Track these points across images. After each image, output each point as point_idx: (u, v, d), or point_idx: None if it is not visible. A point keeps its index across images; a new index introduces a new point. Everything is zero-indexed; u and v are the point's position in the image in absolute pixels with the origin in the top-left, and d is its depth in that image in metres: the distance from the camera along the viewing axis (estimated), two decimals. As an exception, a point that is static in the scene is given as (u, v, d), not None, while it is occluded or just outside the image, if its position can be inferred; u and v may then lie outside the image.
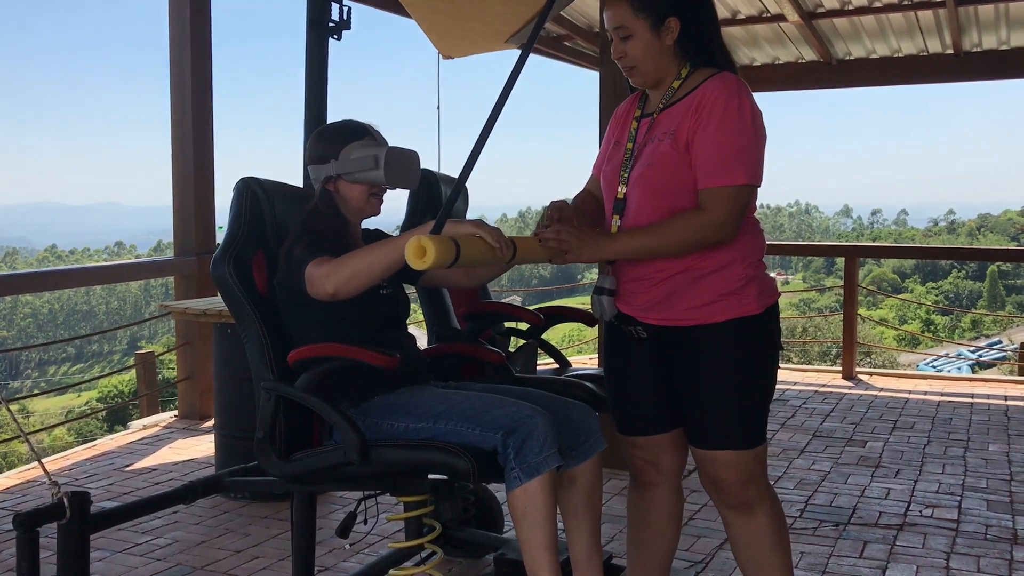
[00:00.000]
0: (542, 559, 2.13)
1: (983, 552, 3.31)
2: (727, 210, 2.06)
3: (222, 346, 3.92)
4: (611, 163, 2.27)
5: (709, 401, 2.17)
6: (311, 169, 2.43)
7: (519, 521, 2.13)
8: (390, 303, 2.47)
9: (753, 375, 2.19)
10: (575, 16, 6.69)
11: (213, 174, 5.52)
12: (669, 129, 2.13)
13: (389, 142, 2.43)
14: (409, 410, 2.25)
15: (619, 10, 2.14)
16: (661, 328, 2.20)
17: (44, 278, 5.10)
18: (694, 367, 2.19)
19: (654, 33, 2.13)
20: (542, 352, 3.25)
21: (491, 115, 2.09)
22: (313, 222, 2.36)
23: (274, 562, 3.21)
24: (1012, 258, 27.85)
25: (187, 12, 5.30)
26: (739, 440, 2.18)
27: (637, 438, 2.36)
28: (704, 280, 2.14)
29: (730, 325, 2.14)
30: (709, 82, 2.11)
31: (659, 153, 2.12)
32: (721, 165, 2.05)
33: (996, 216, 67.37)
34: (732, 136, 2.05)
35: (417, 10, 3.91)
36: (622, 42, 2.16)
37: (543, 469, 2.09)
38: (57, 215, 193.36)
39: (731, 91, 2.07)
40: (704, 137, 2.06)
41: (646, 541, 2.43)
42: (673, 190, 2.12)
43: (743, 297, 2.15)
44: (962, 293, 54.94)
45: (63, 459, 4.60)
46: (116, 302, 66.21)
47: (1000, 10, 6.08)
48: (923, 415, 5.51)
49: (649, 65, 2.16)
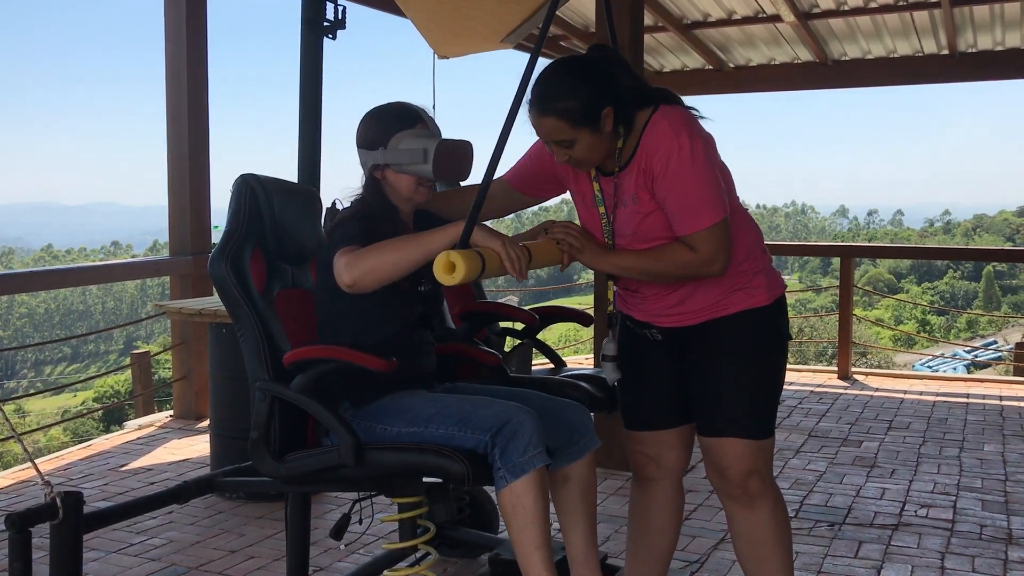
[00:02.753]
0: (534, 558, 2.12)
1: (978, 552, 3.31)
2: (713, 248, 2.12)
3: (217, 346, 3.92)
4: (586, 217, 2.31)
5: (719, 389, 2.25)
6: (360, 153, 2.36)
7: (509, 521, 2.13)
8: (427, 300, 2.42)
9: (762, 365, 2.27)
10: (570, 16, 6.69)
11: (209, 173, 5.51)
12: (631, 193, 2.18)
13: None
14: (400, 414, 2.25)
15: (555, 126, 2.11)
16: (674, 329, 2.30)
17: (40, 278, 5.08)
18: (706, 357, 2.27)
19: (595, 131, 2.12)
20: (537, 352, 3.25)
21: (506, 122, 2.07)
22: (359, 208, 2.31)
23: (268, 562, 3.21)
24: (1008, 258, 27.88)
25: (183, 11, 5.29)
26: (746, 429, 2.24)
27: (643, 433, 2.42)
28: (714, 281, 2.21)
29: (741, 316, 2.23)
30: (647, 134, 2.13)
31: (636, 218, 2.19)
32: (690, 214, 2.11)
33: (992, 216, 67.56)
34: (689, 184, 2.10)
35: (412, 10, 3.91)
36: (564, 149, 2.15)
37: (528, 468, 2.08)
38: (53, 215, 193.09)
39: (668, 137, 2.10)
40: (666, 193, 2.12)
41: (646, 538, 2.47)
42: (663, 239, 2.19)
43: (752, 290, 2.24)
44: (958, 293, 55.03)
45: (58, 459, 4.59)
46: (112, 302, 66.14)
47: (995, 11, 6.09)
48: (919, 415, 5.52)
49: (597, 156, 2.17)
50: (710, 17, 6.64)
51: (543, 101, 2.11)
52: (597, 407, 2.75)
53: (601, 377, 2.86)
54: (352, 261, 2.13)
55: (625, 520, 3.60)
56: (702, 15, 6.62)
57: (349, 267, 2.13)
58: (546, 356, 3.31)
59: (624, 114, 2.15)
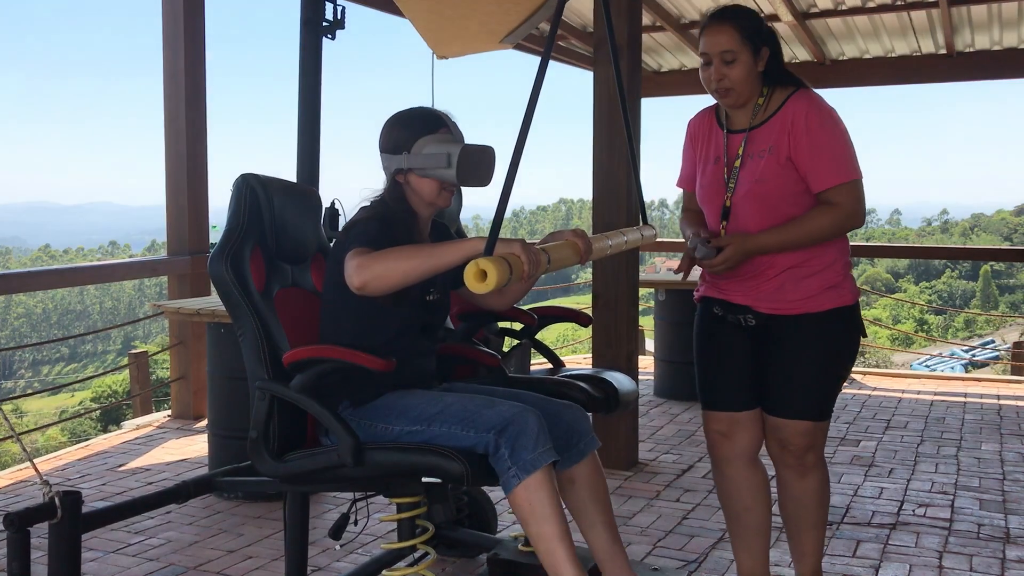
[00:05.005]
0: (558, 551, 2.09)
1: (976, 551, 3.32)
2: (855, 199, 2.39)
3: (216, 346, 3.92)
4: (709, 176, 2.53)
5: (799, 378, 2.48)
6: (383, 157, 2.36)
7: (527, 520, 2.10)
8: (434, 310, 2.42)
9: (841, 358, 2.51)
10: (569, 16, 6.69)
11: (207, 173, 5.51)
12: (766, 146, 2.42)
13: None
14: (402, 413, 2.25)
15: (728, 36, 2.39)
16: (770, 317, 2.49)
17: (38, 277, 5.08)
18: (793, 348, 2.48)
19: (753, 59, 2.41)
20: (536, 352, 3.25)
21: (522, 128, 2.04)
22: (379, 209, 2.31)
23: (267, 562, 3.20)
24: (1005, 258, 27.93)
25: (181, 10, 5.29)
26: (815, 413, 2.50)
27: (719, 413, 2.59)
28: (813, 276, 2.44)
29: (831, 314, 2.46)
30: (793, 101, 2.41)
31: (764, 168, 2.41)
32: (835, 167, 2.37)
33: (989, 216, 67.58)
34: (834, 142, 2.38)
35: (412, 10, 3.91)
36: (724, 65, 2.40)
37: (540, 464, 2.08)
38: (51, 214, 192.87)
39: (818, 104, 2.40)
40: (811, 147, 2.37)
41: (739, 519, 2.64)
42: (779, 198, 2.42)
43: (841, 289, 2.47)
44: (955, 293, 55.07)
45: (56, 459, 4.58)
46: (110, 302, 66.09)
47: (993, 10, 6.10)
48: (916, 414, 5.52)
49: (746, 87, 2.42)
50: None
51: (724, 12, 2.42)
52: (595, 408, 2.76)
53: (600, 377, 2.86)
54: (364, 264, 2.12)
55: (625, 519, 3.61)
56: (700, 14, 6.62)
57: (360, 269, 2.12)
58: (544, 356, 3.31)
59: (773, 72, 2.44)
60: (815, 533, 2.62)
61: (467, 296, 2.62)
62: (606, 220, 4.21)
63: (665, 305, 5.98)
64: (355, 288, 2.14)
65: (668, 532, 3.49)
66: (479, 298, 2.57)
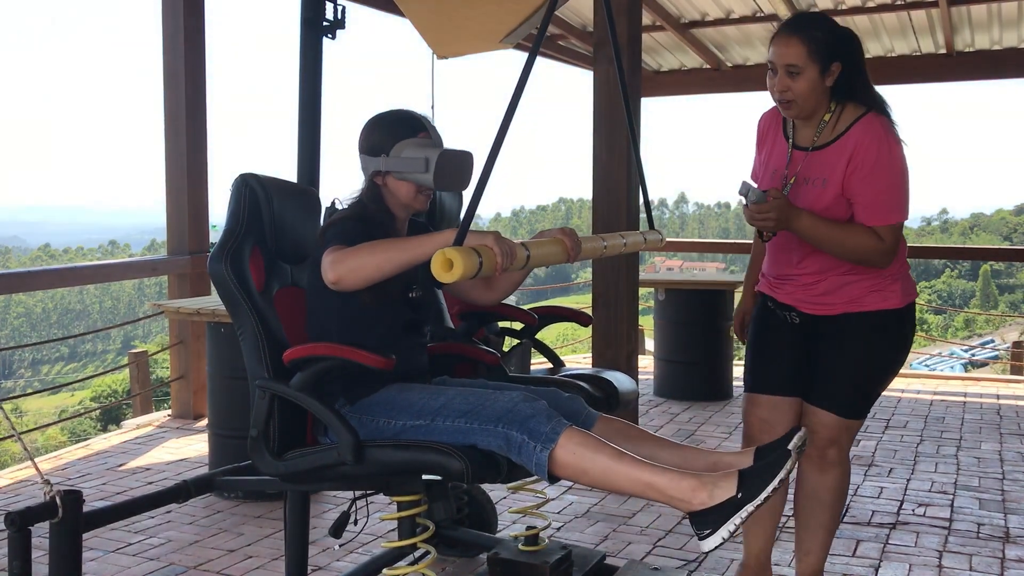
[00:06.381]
0: (632, 467, 2.00)
1: (975, 550, 3.32)
2: (894, 240, 2.42)
3: (215, 345, 3.92)
4: (766, 185, 2.53)
5: (835, 372, 2.53)
6: (361, 159, 2.38)
7: (582, 470, 2.02)
8: (417, 307, 2.42)
9: (878, 359, 2.53)
10: (568, 16, 6.69)
11: (207, 173, 5.50)
12: (822, 175, 2.43)
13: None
14: (405, 407, 2.24)
15: (794, 49, 2.36)
16: (813, 315, 2.55)
17: (37, 277, 5.08)
18: (833, 343, 2.54)
19: (820, 75, 2.38)
20: (536, 352, 3.25)
21: (503, 123, 2.05)
22: (356, 210, 2.33)
23: (267, 561, 3.21)
24: (1005, 257, 27.92)
25: (180, 10, 5.29)
26: (841, 407, 2.54)
27: (761, 396, 2.64)
28: (858, 282, 2.48)
29: (874, 314, 2.50)
30: (859, 127, 2.40)
31: (816, 199, 2.43)
32: (886, 208, 2.40)
33: (989, 216, 67.55)
34: (892, 184, 2.39)
35: (411, 10, 3.91)
36: (789, 77, 2.38)
37: (560, 430, 2.04)
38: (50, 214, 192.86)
39: (880, 137, 2.38)
40: (869, 185, 2.38)
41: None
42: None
43: (888, 293, 2.50)
44: (955, 292, 55.07)
45: (56, 459, 4.58)
46: (110, 301, 66.05)
47: (992, 10, 6.10)
48: (916, 414, 5.53)
49: (810, 102, 2.41)
50: (708, 16, 6.65)
51: (797, 23, 2.40)
52: (595, 407, 2.75)
53: (600, 377, 2.86)
54: (338, 259, 2.14)
55: (625, 519, 3.61)
56: (700, 14, 6.63)
57: (334, 264, 2.14)
58: (545, 356, 3.31)
59: (845, 86, 2.41)
60: (823, 533, 2.65)
61: (458, 293, 2.61)
62: (605, 220, 4.22)
63: (665, 305, 5.98)
64: (330, 283, 2.16)
65: (668, 532, 3.49)
66: (469, 293, 2.56)
